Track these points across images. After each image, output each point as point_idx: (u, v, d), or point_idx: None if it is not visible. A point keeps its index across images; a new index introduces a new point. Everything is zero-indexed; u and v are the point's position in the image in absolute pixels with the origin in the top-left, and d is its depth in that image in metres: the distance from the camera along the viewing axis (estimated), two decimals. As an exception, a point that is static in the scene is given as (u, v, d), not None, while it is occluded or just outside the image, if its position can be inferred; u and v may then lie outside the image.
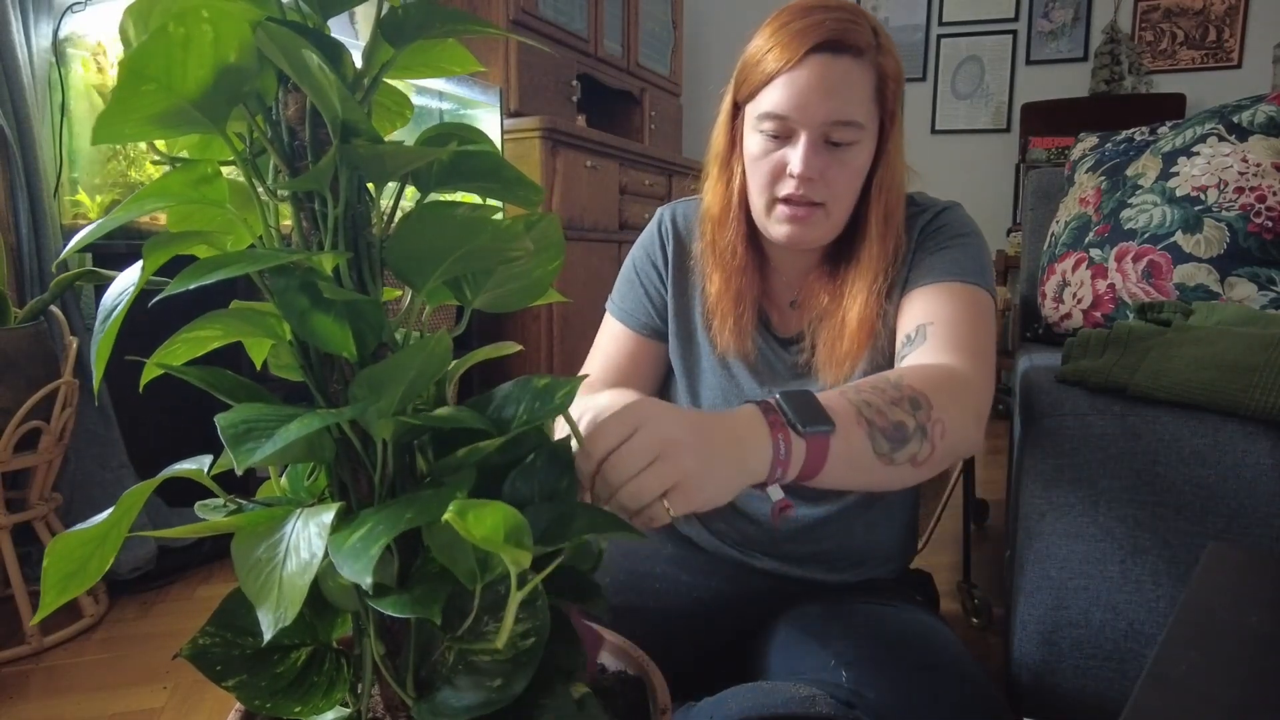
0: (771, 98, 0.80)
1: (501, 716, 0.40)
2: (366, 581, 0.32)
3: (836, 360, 0.86)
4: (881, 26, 0.83)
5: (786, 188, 0.81)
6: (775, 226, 0.84)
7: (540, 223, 0.46)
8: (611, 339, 1.00)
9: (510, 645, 0.40)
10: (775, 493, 0.58)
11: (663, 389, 1.04)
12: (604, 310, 1.05)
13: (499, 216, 0.42)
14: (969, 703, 0.71)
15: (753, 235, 0.91)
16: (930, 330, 0.78)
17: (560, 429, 0.53)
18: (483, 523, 0.35)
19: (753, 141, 0.83)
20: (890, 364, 0.86)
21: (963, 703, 0.71)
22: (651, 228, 1.01)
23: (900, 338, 0.82)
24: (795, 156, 0.79)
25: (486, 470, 0.44)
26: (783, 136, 0.81)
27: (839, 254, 0.88)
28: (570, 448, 0.49)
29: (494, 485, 0.45)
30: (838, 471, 0.60)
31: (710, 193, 0.91)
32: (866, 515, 0.93)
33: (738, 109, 0.87)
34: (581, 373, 1.04)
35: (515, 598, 0.39)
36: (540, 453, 0.46)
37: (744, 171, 0.86)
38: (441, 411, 0.41)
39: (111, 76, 1.67)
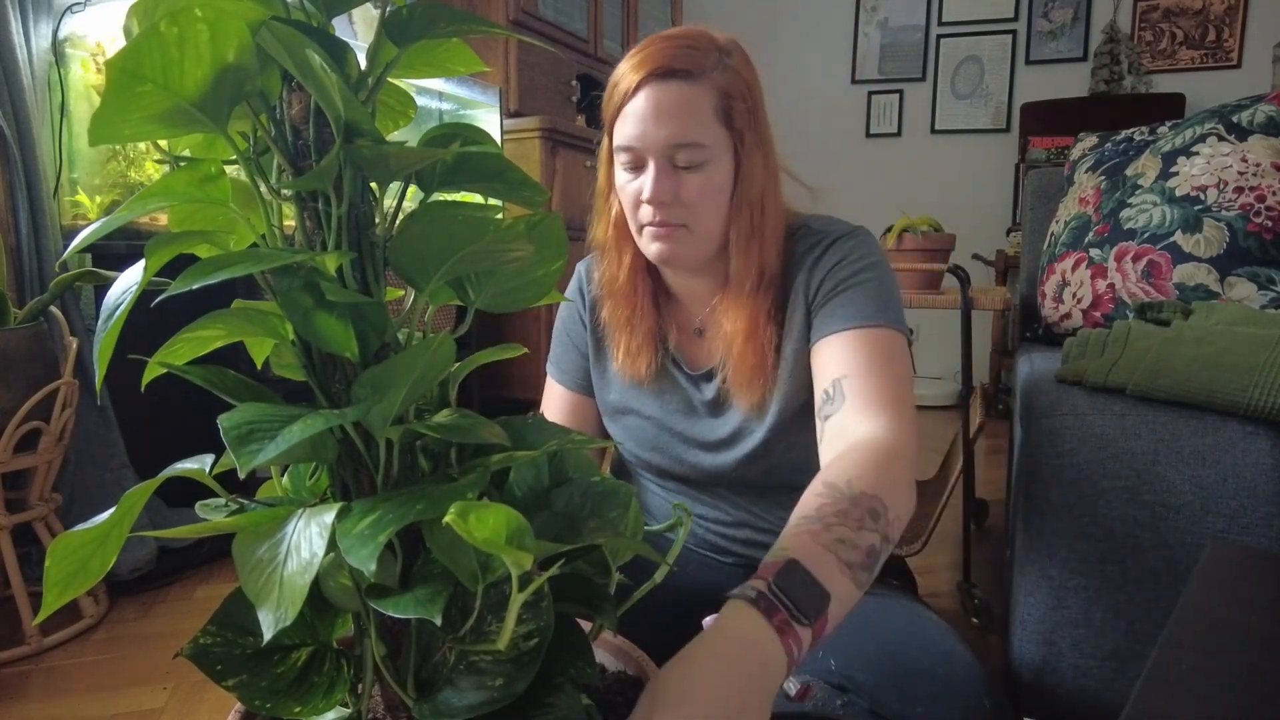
0: (620, 131, 0.83)
1: (507, 716, 0.40)
2: (370, 569, 0.32)
3: (742, 384, 0.87)
4: (736, 46, 0.85)
5: (645, 214, 0.84)
6: (648, 247, 0.86)
7: (543, 223, 0.46)
8: (555, 400, 1.05)
9: (513, 646, 0.40)
10: (790, 687, 0.60)
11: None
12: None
13: (500, 216, 0.42)
14: (957, 677, 0.73)
15: (648, 265, 0.93)
16: (846, 385, 0.80)
17: None
18: (484, 524, 0.35)
19: (618, 174, 0.87)
20: (801, 394, 0.88)
21: (951, 677, 0.72)
22: (572, 283, 1.05)
23: (819, 394, 0.83)
24: (645, 183, 0.82)
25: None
26: (637, 167, 0.84)
27: (726, 277, 0.90)
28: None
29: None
30: (835, 624, 0.62)
31: (596, 227, 0.95)
32: None
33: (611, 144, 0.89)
34: None
35: (517, 599, 0.39)
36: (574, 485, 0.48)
37: (620, 202, 0.89)
38: (448, 419, 0.41)
39: (111, 77, 1.67)
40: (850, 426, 0.77)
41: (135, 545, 1.61)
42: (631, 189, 0.84)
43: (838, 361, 0.82)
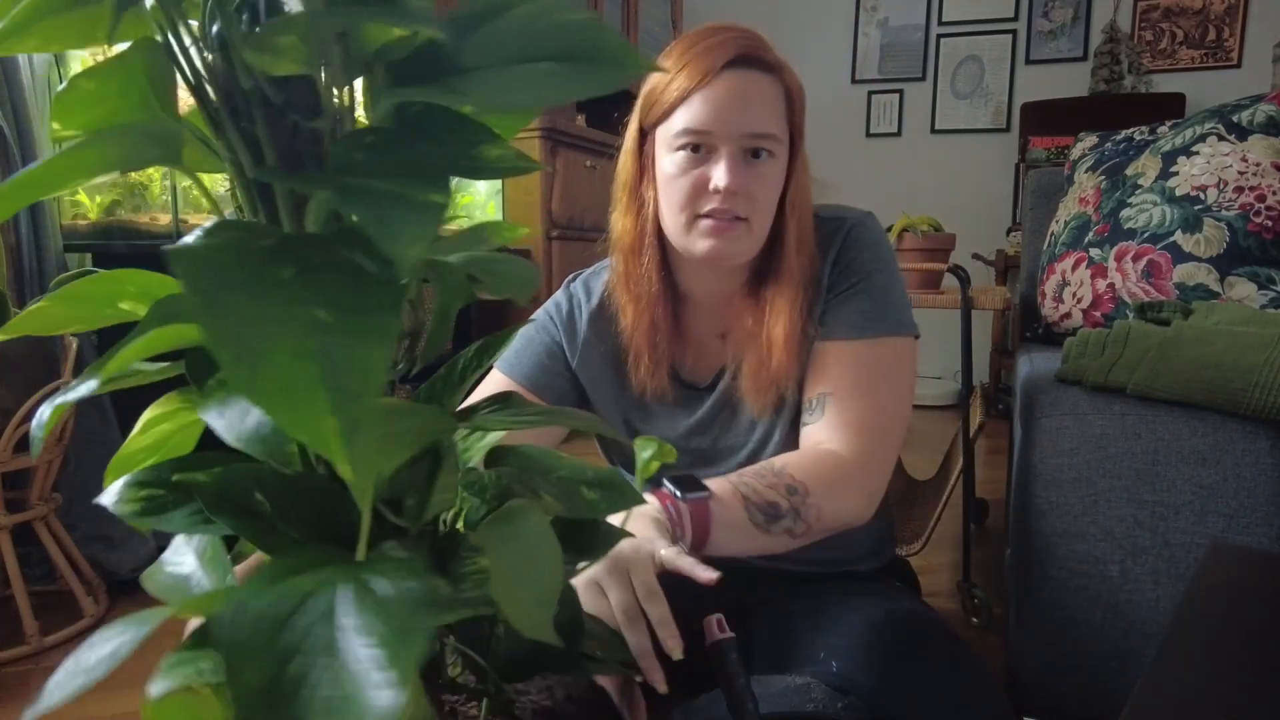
0: (689, 114, 0.80)
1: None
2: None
3: (761, 386, 0.85)
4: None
5: (709, 203, 0.80)
6: (698, 242, 0.82)
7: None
8: (492, 385, 0.94)
9: None
10: (681, 546, 0.69)
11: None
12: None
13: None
14: (959, 679, 0.72)
15: (667, 269, 0.89)
16: (829, 402, 0.83)
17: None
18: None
19: (669, 162, 0.82)
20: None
21: (953, 679, 0.72)
22: (561, 303, 0.97)
23: (805, 399, 0.86)
24: (719, 171, 0.79)
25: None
26: (703, 153, 0.81)
27: (762, 275, 0.87)
28: None
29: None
30: (723, 534, 0.72)
31: (620, 223, 0.89)
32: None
33: (644, 135, 0.86)
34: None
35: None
36: None
37: (655, 198, 0.85)
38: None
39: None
40: (819, 440, 0.82)
41: (135, 544, 1.61)
42: (693, 176, 0.81)
43: (829, 375, 0.84)
